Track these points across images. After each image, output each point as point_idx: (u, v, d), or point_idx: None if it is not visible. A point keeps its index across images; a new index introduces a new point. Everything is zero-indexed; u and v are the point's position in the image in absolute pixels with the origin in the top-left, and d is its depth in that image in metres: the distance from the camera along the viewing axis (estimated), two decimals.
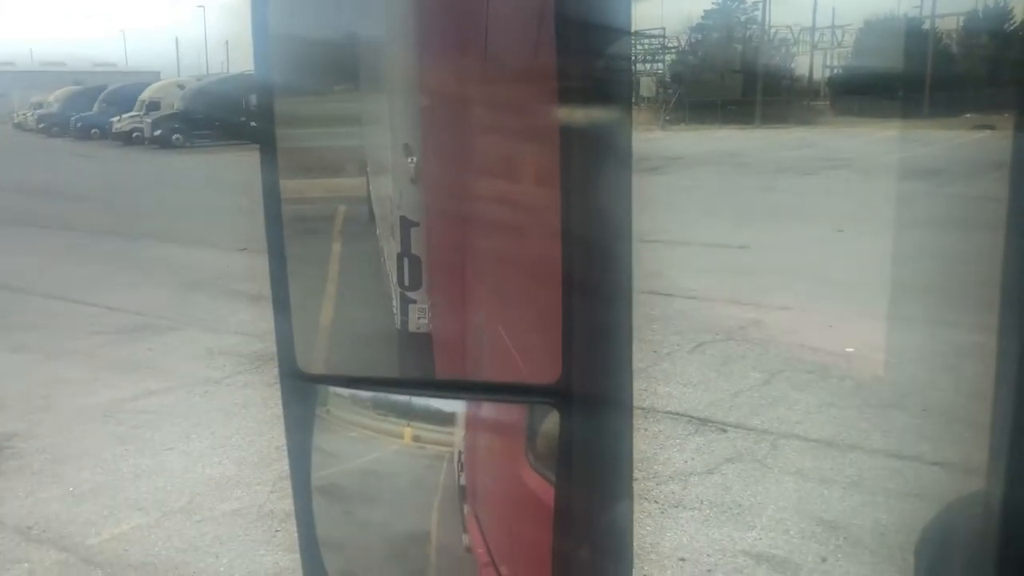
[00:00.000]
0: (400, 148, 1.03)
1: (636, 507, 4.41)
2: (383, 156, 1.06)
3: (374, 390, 1.04)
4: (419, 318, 1.04)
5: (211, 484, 4.93)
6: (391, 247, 1.07)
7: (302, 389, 1.02)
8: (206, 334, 8.16)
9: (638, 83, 47.81)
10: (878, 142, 27.03)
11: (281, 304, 0.99)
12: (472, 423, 1.02)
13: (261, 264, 1.03)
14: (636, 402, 4.68)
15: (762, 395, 6.13)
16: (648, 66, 50.95)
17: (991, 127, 27.45)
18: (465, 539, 1.03)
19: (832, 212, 14.17)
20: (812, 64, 49.83)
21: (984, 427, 0.69)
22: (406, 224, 1.03)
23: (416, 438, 1.01)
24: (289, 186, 1.03)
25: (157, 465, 5.22)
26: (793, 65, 50.18)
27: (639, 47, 50.77)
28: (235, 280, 10.20)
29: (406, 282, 1.04)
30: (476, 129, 0.98)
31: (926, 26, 43.33)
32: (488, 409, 1.01)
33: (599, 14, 0.88)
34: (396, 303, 1.06)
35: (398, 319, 1.06)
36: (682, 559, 4.05)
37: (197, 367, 7.11)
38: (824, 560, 4.01)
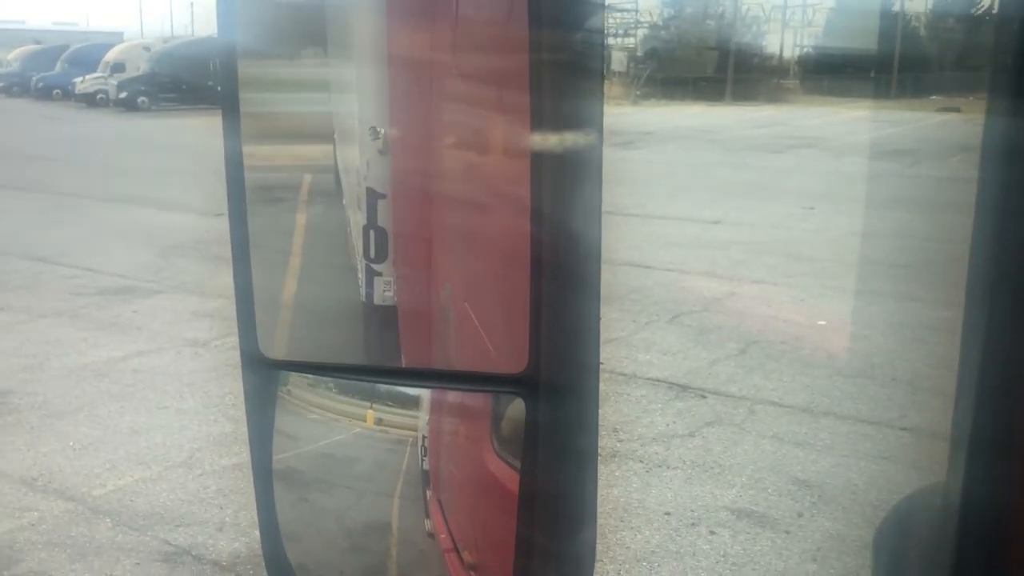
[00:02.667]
0: (368, 119, 1.01)
1: (621, 466, 4.63)
2: (351, 125, 1.04)
3: (338, 377, 1.01)
4: (385, 291, 1.03)
5: (209, 440, 5.07)
6: (357, 218, 1.05)
7: (264, 374, 0.99)
8: (191, 297, 8.23)
9: (610, 57, 47.86)
10: (846, 122, 27.43)
11: (243, 288, 0.96)
12: (437, 408, 1.01)
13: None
14: (619, 368, 4.90)
15: (738, 364, 6.38)
16: (620, 40, 50.96)
17: (957, 110, 27.96)
18: (427, 524, 1.03)
19: (802, 190, 14.46)
20: (783, 43, 50.18)
21: (950, 397, 0.70)
22: (373, 196, 1.02)
23: (379, 421, 1.00)
24: (254, 152, 0.97)
25: (153, 422, 5.34)
26: (764, 43, 50.49)
27: (611, 21, 50.76)
28: (214, 245, 10.21)
29: (372, 254, 1.02)
30: (446, 101, 0.96)
31: (895, 8, 43.78)
32: (454, 394, 1.00)
33: None
34: (361, 275, 1.04)
35: (363, 291, 1.04)
36: (667, 513, 4.27)
37: (184, 329, 7.20)
38: (800, 515, 4.25)
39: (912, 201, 13.26)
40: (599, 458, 4.79)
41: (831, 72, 42.08)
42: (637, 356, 6.50)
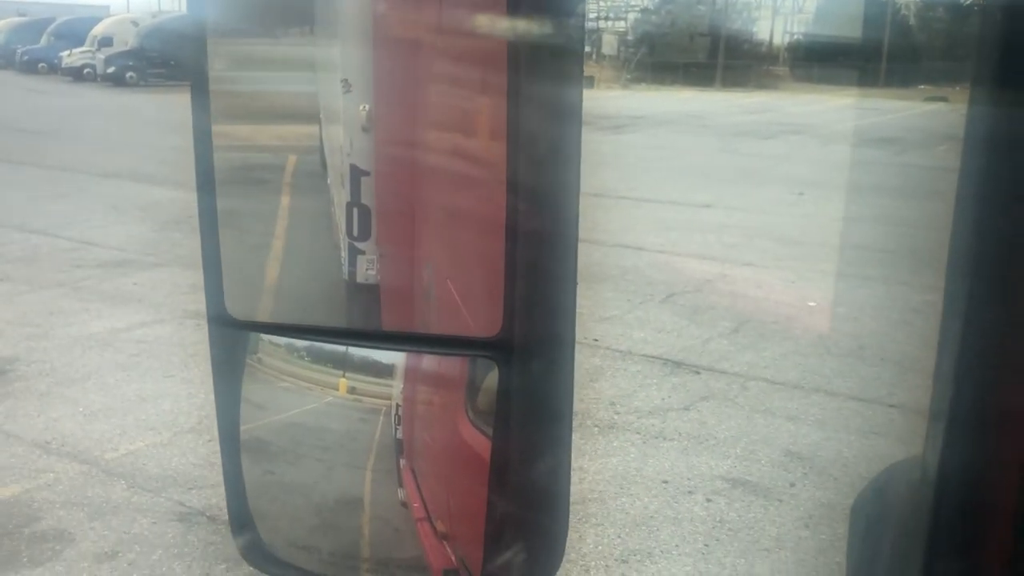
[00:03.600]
0: (352, 95, 1.01)
1: (619, 437, 4.78)
2: (336, 103, 1.04)
3: (308, 339, 1.00)
4: (367, 269, 1.03)
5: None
6: (341, 196, 1.05)
7: (231, 336, 0.96)
8: (188, 271, 8.29)
9: (600, 41, 47.87)
10: (835, 109, 27.61)
11: (209, 248, 0.94)
12: (411, 375, 1.01)
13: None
14: (614, 345, 5.06)
15: (731, 342, 6.53)
16: (611, 24, 50.94)
17: (944, 99, 28.20)
18: (400, 493, 1.02)
19: (792, 176, 14.63)
20: (772, 29, 50.28)
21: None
22: (356, 173, 1.02)
23: (351, 390, 0.99)
24: (238, 132, 0.97)
25: (161, 390, 5.44)
26: (754, 29, 50.58)
27: (602, 5, 50.72)
28: None
29: (355, 232, 1.02)
30: (429, 78, 0.97)
31: None
32: (428, 362, 0.99)
33: None
34: (344, 253, 1.04)
35: (346, 269, 1.04)
36: (665, 482, 4.43)
37: (184, 301, 7.29)
38: (792, 485, 4.42)
39: (898, 189, 13.45)
40: (597, 429, 4.95)
41: (820, 60, 42.22)
42: (632, 334, 6.64)
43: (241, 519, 0.99)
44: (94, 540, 3.80)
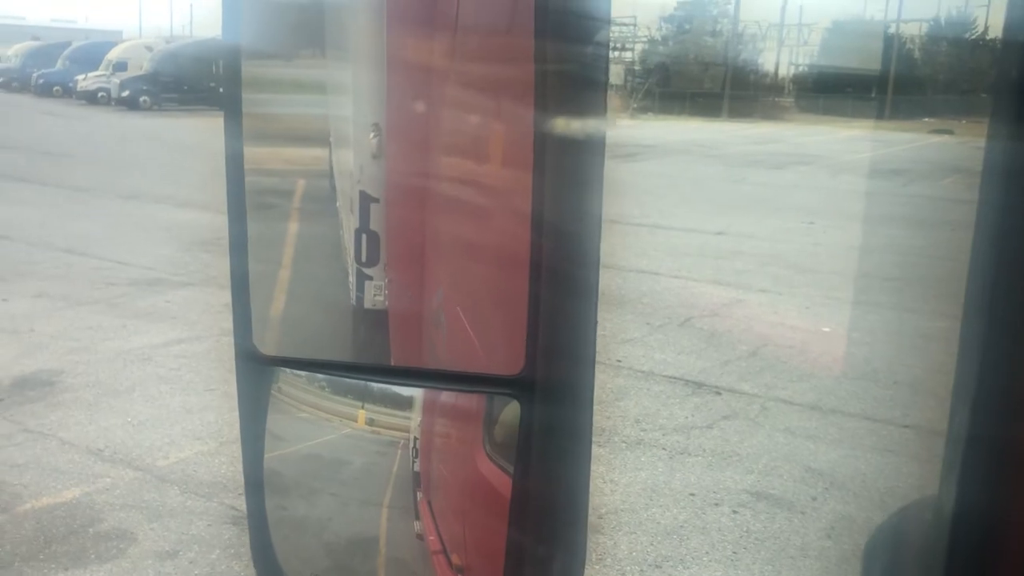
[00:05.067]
0: (363, 122, 1.00)
1: (646, 453, 5.01)
2: (346, 128, 1.03)
3: (332, 374, 1.00)
4: (375, 295, 1.02)
5: None
6: (350, 222, 1.04)
7: (259, 371, 0.97)
8: (219, 291, 8.53)
9: (607, 69, 48.35)
10: (842, 140, 27.95)
11: (239, 283, 0.94)
12: (429, 409, 1.00)
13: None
14: (636, 366, 5.29)
15: (749, 364, 6.75)
16: (619, 54, 51.52)
17: (950, 132, 28.55)
18: (417, 526, 1.02)
19: (801, 205, 14.90)
20: (779, 61, 50.84)
21: (946, 399, 0.70)
22: (366, 199, 1.01)
23: (370, 422, 0.99)
24: (250, 155, 0.97)
25: (204, 403, 5.67)
26: (760, 61, 51.15)
27: (611, 34, 51.27)
28: None
29: (363, 258, 1.02)
30: (444, 106, 0.95)
31: (890, 30, 44.47)
32: (446, 395, 0.99)
33: (577, 3, 0.85)
34: (352, 279, 1.03)
35: (353, 295, 1.03)
36: (692, 494, 4.63)
37: (219, 319, 7.51)
38: (814, 499, 4.62)
39: (907, 219, 13.71)
40: (625, 445, 5.17)
41: (826, 91, 42.70)
42: (653, 355, 6.86)
43: (264, 555, 1.01)
44: (155, 540, 4.01)
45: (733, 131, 32.47)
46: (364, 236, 1.01)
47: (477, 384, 0.92)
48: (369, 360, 1.07)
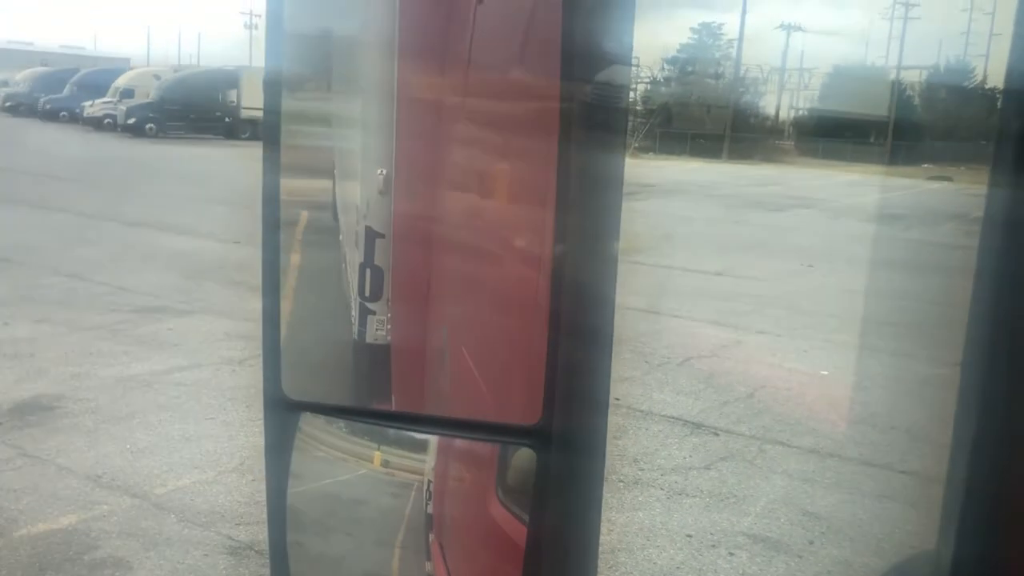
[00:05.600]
0: (371, 157, 0.99)
1: (644, 492, 5.01)
2: (352, 162, 1.02)
3: (358, 420, 1.01)
4: (377, 329, 1.02)
5: (256, 450, 5.40)
6: (354, 256, 1.03)
7: (286, 416, 0.98)
8: (221, 319, 8.57)
9: None
10: (841, 185, 28.14)
11: (270, 328, 0.95)
12: (443, 452, 1.00)
13: (256, 257, 1.03)
14: (635, 405, 5.31)
15: (747, 406, 6.77)
16: None
17: (948, 179, 28.78)
18: (428, 567, 1.01)
19: (801, 247, 14.99)
20: (780, 104, 51.32)
21: (945, 445, 0.71)
22: (371, 235, 1.01)
23: (385, 463, 1.00)
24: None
25: (202, 431, 5.67)
26: (762, 104, 51.65)
27: None
28: (236, 271, 10.59)
29: (366, 293, 1.02)
30: (454, 144, 0.95)
31: (890, 77, 44.96)
32: (462, 441, 0.99)
33: (603, 38, 0.85)
34: (355, 313, 1.03)
35: (355, 329, 1.03)
36: (689, 536, 4.63)
37: (219, 348, 7.55)
38: (811, 543, 4.62)
39: (906, 263, 13.79)
40: (623, 484, 5.17)
41: (825, 135, 43.06)
42: (652, 395, 6.88)
43: None
44: (150, 569, 4.01)
45: (733, 173, 32.70)
46: (368, 271, 1.01)
47: (494, 433, 0.92)
48: (368, 395, 1.06)
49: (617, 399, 6.66)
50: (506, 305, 0.90)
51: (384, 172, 0.98)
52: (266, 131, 0.92)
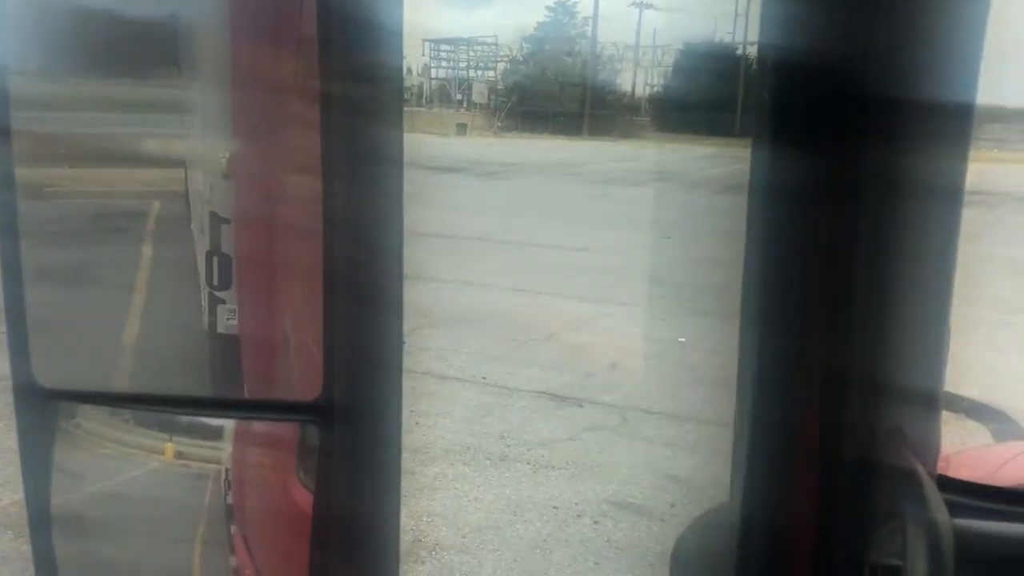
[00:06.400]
0: (212, 140, 0.98)
1: (511, 468, 5.05)
2: (196, 148, 1.03)
3: (126, 407, 0.94)
4: (228, 319, 0.99)
5: None
6: (202, 243, 1.02)
7: (40, 406, 0.90)
8: None
9: (471, 89, 48.92)
10: (696, 158, 29.08)
11: (14, 310, 0.87)
12: (240, 438, 0.97)
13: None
14: (502, 383, 5.34)
15: (611, 377, 6.91)
16: (481, 73, 52.11)
17: None
18: (233, 561, 0.99)
19: (660, 220, 15.41)
20: (635, 81, 52.51)
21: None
22: (216, 220, 0.98)
23: (179, 455, 0.95)
24: (99, 177, 1.03)
25: None
26: (618, 81, 52.70)
27: (472, 55, 51.86)
28: None
29: (215, 281, 0.98)
30: (287, 124, 0.92)
31: (738, 51, 46.70)
32: (258, 424, 0.94)
33: (364, 16, 0.82)
34: (204, 303, 1.01)
35: (206, 319, 1.00)
36: (555, 507, 4.69)
37: None
38: (673, 506, 4.76)
39: None
40: (489, 462, 5.18)
41: (680, 110, 44.38)
42: (518, 371, 6.92)
43: None
44: None
45: (593, 149, 33.30)
46: (215, 258, 0.97)
47: (278, 412, 0.87)
48: (223, 388, 1.02)
49: (484, 377, 6.67)
50: (304, 284, 0.88)
51: (226, 156, 0.95)
52: None
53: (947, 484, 0.80)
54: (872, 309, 0.69)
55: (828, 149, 0.69)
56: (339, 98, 0.78)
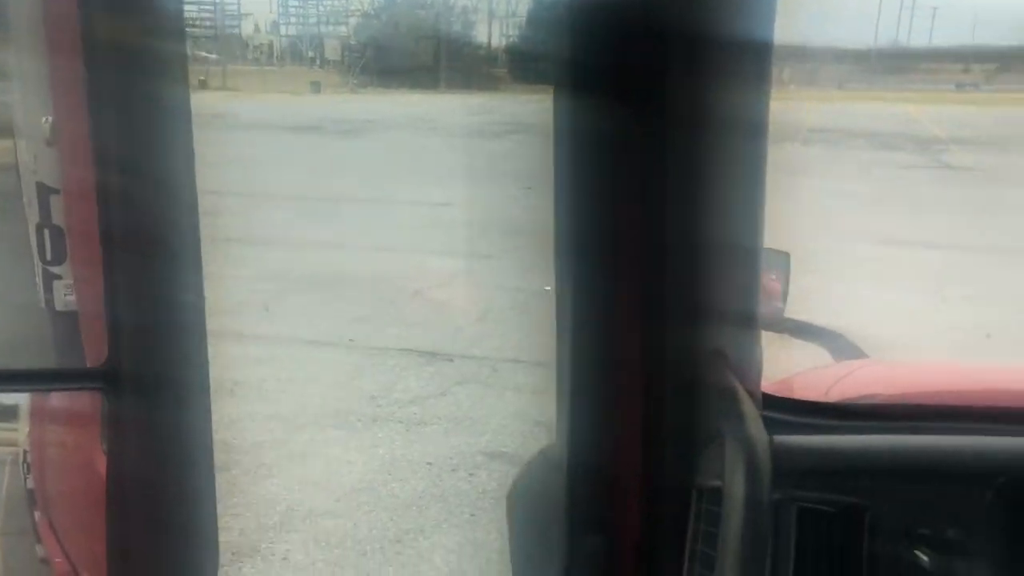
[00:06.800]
0: (33, 106, 0.91)
1: (383, 428, 5.03)
2: (19, 115, 0.94)
3: None
4: (66, 295, 0.93)
5: None
6: (32, 216, 0.95)
7: None
8: None
9: (323, 45, 47.51)
10: (550, 109, 29.32)
11: None
12: (38, 415, 0.89)
13: None
14: (370, 343, 5.29)
15: (479, 330, 6.95)
16: (333, 29, 50.62)
17: None
18: (39, 550, 0.92)
19: (519, 172, 15.48)
20: (491, 32, 52.21)
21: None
22: (44, 191, 0.92)
23: None
24: None
25: None
26: (473, 33, 52.27)
27: (322, 9, 50.30)
28: None
29: (48, 256, 0.93)
30: (103, 85, 0.86)
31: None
32: (57, 398, 0.87)
33: None
34: (39, 279, 0.94)
35: (42, 296, 0.94)
36: (429, 463, 4.71)
37: None
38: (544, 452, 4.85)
39: None
40: (361, 424, 5.14)
41: (536, 60, 44.42)
42: (386, 331, 6.87)
43: None
44: None
45: (450, 103, 33.02)
46: (47, 231, 0.91)
47: (60, 381, 0.81)
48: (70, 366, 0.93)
49: (351, 340, 6.59)
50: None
51: (49, 120, 0.89)
52: None
53: (773, 403, 0.83)
54: (685, 240, 0.72)
55: (632, 88, 0.70)
56: (119, 55, 0.75)
